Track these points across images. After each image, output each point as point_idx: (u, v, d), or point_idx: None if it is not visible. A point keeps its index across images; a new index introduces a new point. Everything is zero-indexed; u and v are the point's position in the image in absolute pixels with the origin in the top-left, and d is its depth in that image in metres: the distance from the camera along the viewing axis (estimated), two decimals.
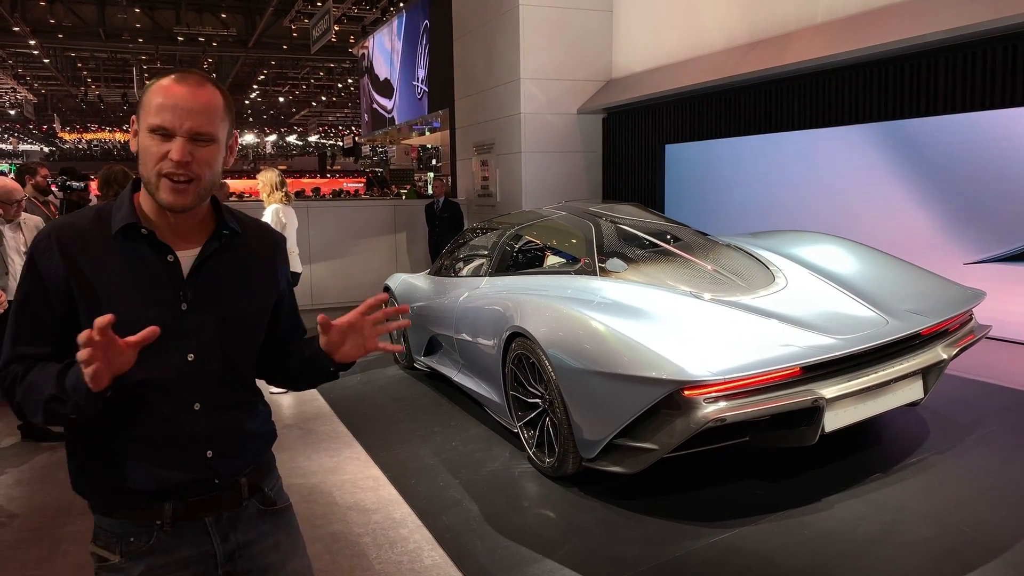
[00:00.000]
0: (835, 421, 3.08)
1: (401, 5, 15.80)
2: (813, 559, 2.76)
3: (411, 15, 14.67)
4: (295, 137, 48.67)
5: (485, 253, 5.15)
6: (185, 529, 1.37)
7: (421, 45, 14.11)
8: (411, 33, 14.76)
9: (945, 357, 3.37)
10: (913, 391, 3.35)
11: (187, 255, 1.37)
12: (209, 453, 1.38)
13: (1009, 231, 5.48)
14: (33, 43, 22.26)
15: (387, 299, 1.51)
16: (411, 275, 6.15)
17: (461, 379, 4.72)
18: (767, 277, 3.87)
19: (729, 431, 3.03)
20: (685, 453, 3.08)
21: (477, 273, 5.08)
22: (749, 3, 7.66)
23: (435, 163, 28.85)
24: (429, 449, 4.15)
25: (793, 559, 2.76)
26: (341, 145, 33.42)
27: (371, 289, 7.80)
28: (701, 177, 8.48)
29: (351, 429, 4.54)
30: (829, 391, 3.03)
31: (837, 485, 3.30)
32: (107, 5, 21.06)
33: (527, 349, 3.65)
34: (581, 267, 4.12)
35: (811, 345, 3.12)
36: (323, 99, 34.79)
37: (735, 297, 3.60)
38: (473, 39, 10.57)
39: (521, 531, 3.12)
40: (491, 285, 4.63)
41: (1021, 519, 2.95)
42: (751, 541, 2.90)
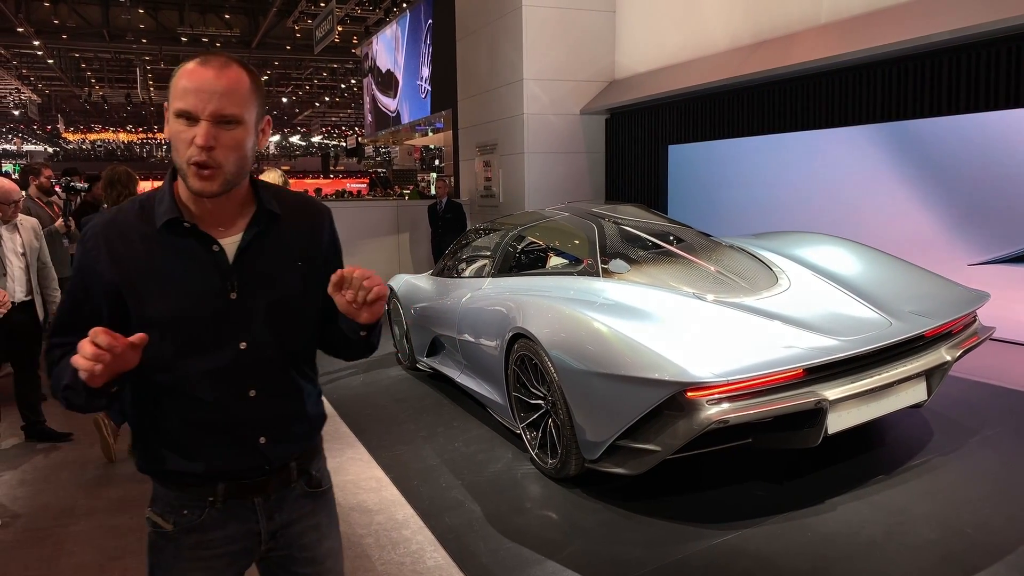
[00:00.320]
0: (838, 423, 3.07)
1: (404, 5, 15.82)
2: (816, 561, 2.75)
3: (414, 15, 14.68)
4: (298, 138, 48.73)
5: (488, 254, 5.15)
6: (234, 507, 1.42)
7: (424, 45, 14.11)
8: (414, 33, 14.76)
9: (949, 359, 3.36)
10: (917, 393, 3.35)
11: (230, 242, 1.36)
12: (262, 439, 1.41)
13: (1014, 232, 5.47)
14: (37, 44, 22.31)
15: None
16: (414, 276, 6.16)
17: (464, 380, 4.72)
18: (770, 278, 3.86)
19: (732, 432, 3.02)
20: (688, 455, 3.08)
21: (480, 274, 5.08)
22: (752, 3, 7.65)
23: (438, 164, 28.87)
24: (432, 450, 4.15)
25: (796, 561, 2.76)
26: (344, 146, 33.47)
27: None
28: (704, 178, 8.47)
29: (354, 430, 4.54)
30: (832, 393, 3.02)
31: (840, 487, 3.29)
32: (111, 6, 21.11)
33: (530, 350, 3.65)
34: (584, 268, 4.12)
35: (814, 347, 3.11)
36: (326, 99, 34.84)
37: (738, 298, 3.59)
38: (476, 39, 10.57)
39: (523, 532, 3.11)
40: (494, 286, 4.63)
41: None
42: (754, 543, 2.89)
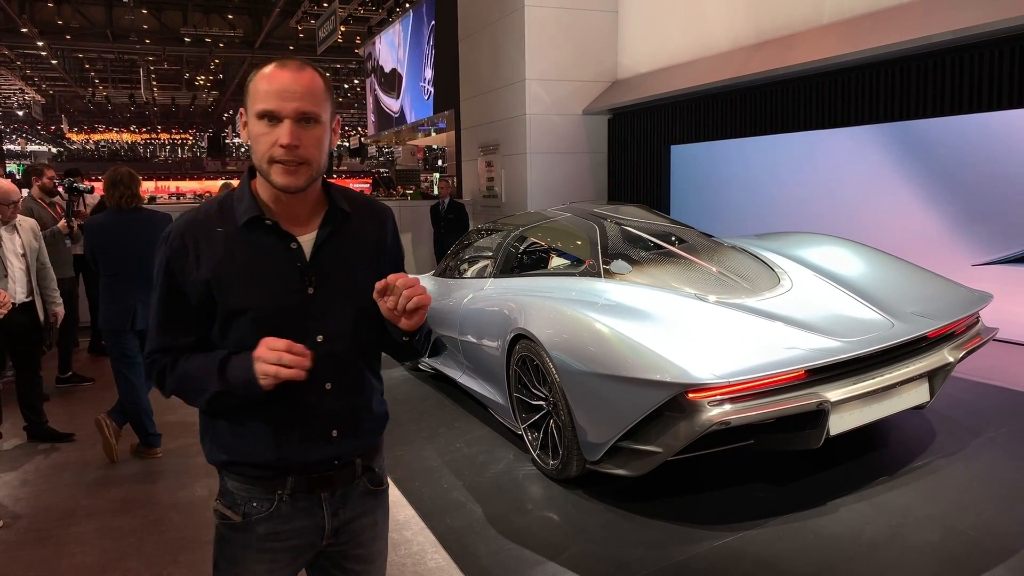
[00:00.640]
0: (840, 424, 3.06)
1: (407, 5, 15.83)
2: (818, 563, 2.74)
3: (417, 15, 14.68)
4: None
5: (489, 254, 5.14)
6: (302, 500, 1.45)
7: (427, 46, 14.11)
8: (417, 33, 14.77)
9: (951, 360, 3.35)
10: (919, 394, 3.34)
11: (306, 239, 1.42)
12: (334, 432, 1.46)
13: (1017, 233, 5.45)
14: (41, 44, 22.37)
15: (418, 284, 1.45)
16: (416, 276, 6.15)
17: (465, 381, 4.72)
18: (772, 279, 3.85)
19: (733, 434, 3.02)
20: (689, 456, 3.07)
21: (481, 275, 5.08)
22: (755, 4, 7.63)
23: (440, 164, 28.88)
24: (433, 451, 4.14)
25: (798, 563, 2.75)
26: (347, 145, 33.47)
27: None
28: (706, 178, 8.46)
29: None
30: (834, 394, 3.01)
31: (842, 488, 3.28)
32: (114, 6, 21.17)
33: (531, 351, 3.65)
34: (585, 269, 4.12)
35: (816, 348, 3.10)
36: None
37: (740, 299, 3.58)
38: (478, 40, 10.57)
39: (524, 534, 3.11)
40: (495, 287, 4.63)
41: None
42: (756, 545, 2.89)
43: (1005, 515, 3.01)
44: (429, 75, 14.13)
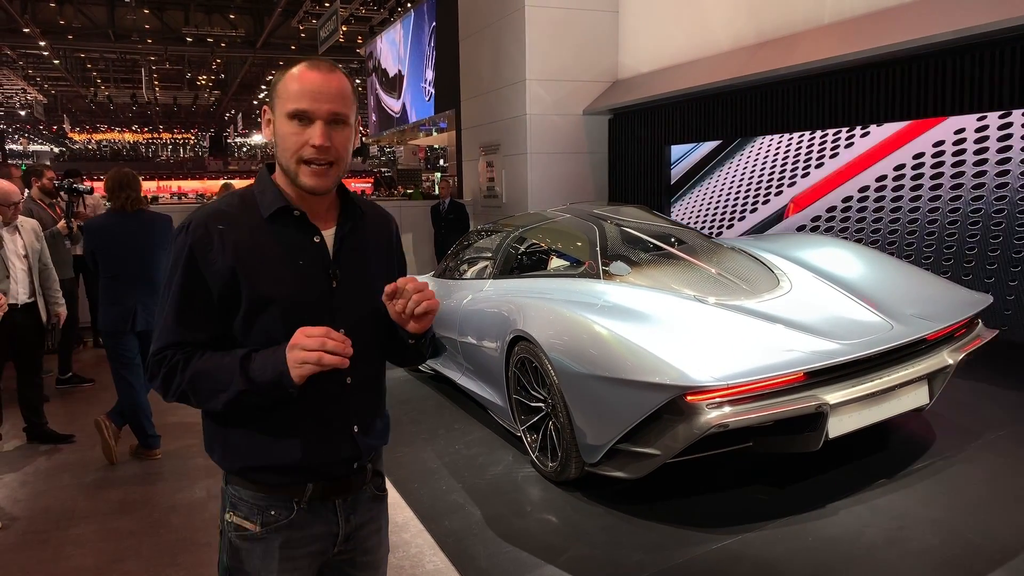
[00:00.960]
0: (839, 427, 3.05)
1: (408, 5, 15.82)
2: (817, 566, 2.74)
3: (418, 15, 14.68)
4: None
5: (489, 255, 5.14)
6: (317, 508, 1.44)
7: (428, 46, 14.11)
8: (418, 33, 14.76)
9: (951, 362, 3.34)
10: (918, 397, 3.33)
11: (327, 235, 1.44)
12: (355, 428, 1.45)
13: None
14: (43, 44, 22.38)
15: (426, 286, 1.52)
16: (415, 277, 6.14)
17: (465, 382, 4.71)
18: (771, 281, 3.84)
19: (732, 436, 3.01)
20: (688, 458, 3.06)
21: (481, 275, 5.08)
22: (756, 4, 7.62)
23: (442, 163, 28.89)
24: (432, 452, 4.14)
25: (797, 566, 2.74)
26: None
27: None
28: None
29: None
30: (833, 397, 3.00)
31: (841, 491, 3.27)
32: (116, 6, 21.19)
33: (530, 353, 3.64)
34: (585, 270, 4.11)
35: (815, 350, 3.10)
36: None
37: (739, 301, 3.57)
38: (479, 40, 10.57)
39: (523, 536, 3.11)
40: (495, 288, 4.62)
41: None
42: (755, 548, 2.88)
43: (1005, 518, 3.00)
44: (430, 75, 14.12)
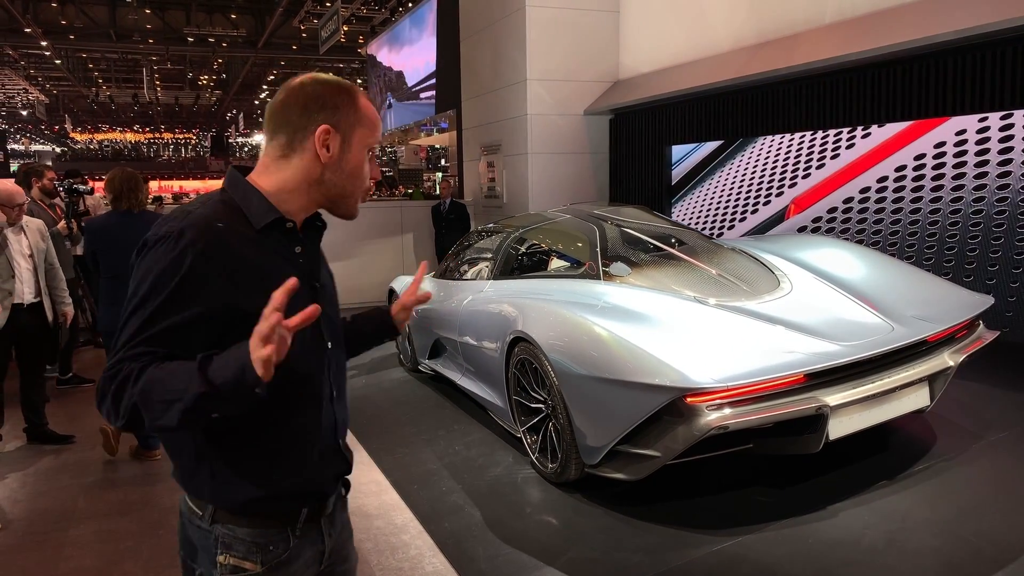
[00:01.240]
0: (840, 429, 3.05)
1: (410, 5, 15.82)
2: (817, 568, 2.73)
3: (419, 15, 14.68)
4: None
5: (489, 256, 5.13)
6: (308, 531, 1.39)
7: (429, 46, 14.11)
8: (419, 33, 14.76)
9: (952, 364, 3.33)
10: (919, 398, 3.32)
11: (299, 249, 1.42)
12: (341, 441, 1.45)
13: None
14: (45, 44, 22.40)
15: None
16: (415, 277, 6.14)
17: (465, 383, 4.71)
18: (772, 282, 3.84)
19: (732, 438, 3.00)
20: (688, 460, 3.06)
21: (481, 276, 5.07)
22: (756, 3, 7.61)
23: (443, 163, 28.88)
24: (432, 453, 4.14)
25: (797, 568, 2.74)
26: None
27: (378, 290, 7.81)
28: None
29: (354, 432, 4.53)
30: (834, 398, 3.00)
31: (842, 493, 3.26)
32: (118, 6, 21.19)
33: (530, 354, 3.64)
34: (585, 271, 4.10)
35: (816, 352, 3.09)
36: None
37: (740, 302, 3.57)
38: (480, 40, 10.56)
39: (523, 538, 3.10)
40: (495, 288, 4.62)
41: None
42: (755, 550, 2.87)
43: (1006, 520, 2.99)
44: (431, 75, 14.12)
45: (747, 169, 7.74)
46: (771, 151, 7.44)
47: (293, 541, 1.36)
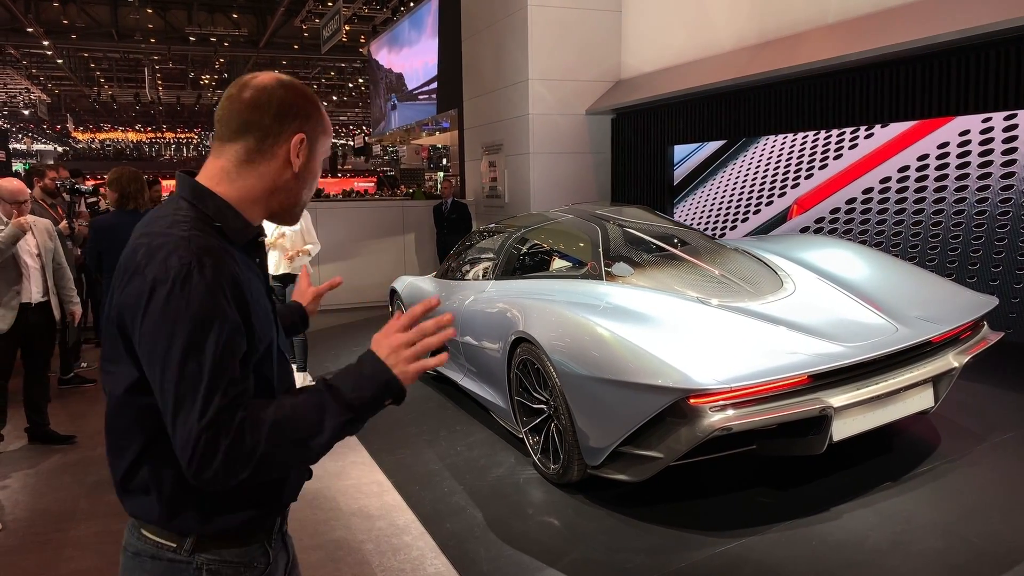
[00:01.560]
0: (843, 430, 3.03)
1: (411, 5, 15.81)
2: (821, 570, 2.72)
3: (421, 15, 14.67)
4: None
5: (491, 256, 5.12)
6: (278, 540, 1.39)
7: (430, 45, 14.10)
8: (421, 33, 14.75)
9: (956, 365, 3.32)
10: (923, 400, 3.30)
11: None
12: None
13: None
14: (46, 44, 22.41)
15: (437, 304, 1.41)
16: (417, 277, 6.14)
17: (467, 383, 4.70)
18: (775, 282, 3.82)
19: (736, 439, 2.99)
20: (691, 461, 3.05)
21: (483, 276, 5.06)
22: (759, 3, 7.59)
23: (444, 163, 28.88)
24: (434, 454, 4.13)
25: (800, 570, 2.72)
26: (352, 145, 33.47)
27: (379, 290, 7.80)
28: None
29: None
30: (837, 400, 2.98)
31: (845, 494, 3.25)
32: (119, 6, 21.19)
33: (532, 354, 3.63)
34: (587, 271, 4.09)
35: (819, 353, 3.08)
36: (334, 99, 34.88)
37: (743, 303, 3.55)
38: (482, 39, 10.55)
39: (525, 539, 3.09)
40: (496, 289, 4.61)
41: None
42: (757, 551, 2.86)
43: (1011, 522, 2.98)
44: (432, 75, 14.11)
45: (749, 169, 7.73)
46: (774, 151, 7.42)
47: (271, 553, 1.35)
